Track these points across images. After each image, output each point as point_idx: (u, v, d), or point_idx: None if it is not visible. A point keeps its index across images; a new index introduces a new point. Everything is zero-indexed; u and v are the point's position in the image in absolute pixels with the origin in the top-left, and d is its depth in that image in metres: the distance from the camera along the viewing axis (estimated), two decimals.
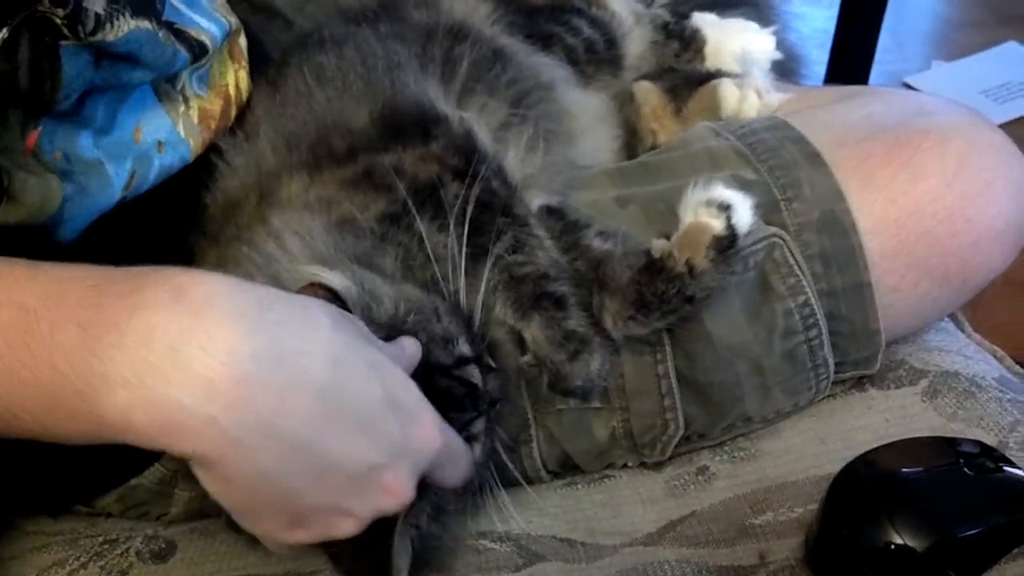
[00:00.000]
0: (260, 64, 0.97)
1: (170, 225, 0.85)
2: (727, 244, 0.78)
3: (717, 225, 0.78)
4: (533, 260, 0.79)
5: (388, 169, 0.79)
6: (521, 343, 0.79)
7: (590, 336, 0.78)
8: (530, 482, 0.85)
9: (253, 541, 0.75)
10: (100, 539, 0.83)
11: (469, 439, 0.72)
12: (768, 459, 0.85)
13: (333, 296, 0.68)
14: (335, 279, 0.69)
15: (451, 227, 0.75)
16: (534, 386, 0.82)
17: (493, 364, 0.76)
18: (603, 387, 0.81)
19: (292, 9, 1.21)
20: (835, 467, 0.77)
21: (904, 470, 0.73)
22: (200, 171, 0.86)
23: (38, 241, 0.76)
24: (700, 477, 0.85)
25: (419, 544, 0.71)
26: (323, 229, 0.75)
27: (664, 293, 0.77)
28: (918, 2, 2.52)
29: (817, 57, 2.05)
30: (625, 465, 0.87)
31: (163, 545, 0.82)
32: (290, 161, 0.83)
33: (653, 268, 0.78)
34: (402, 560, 0.68)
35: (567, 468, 0.87)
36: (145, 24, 0.75)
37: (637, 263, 0.79)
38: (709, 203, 0.79)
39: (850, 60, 1.92)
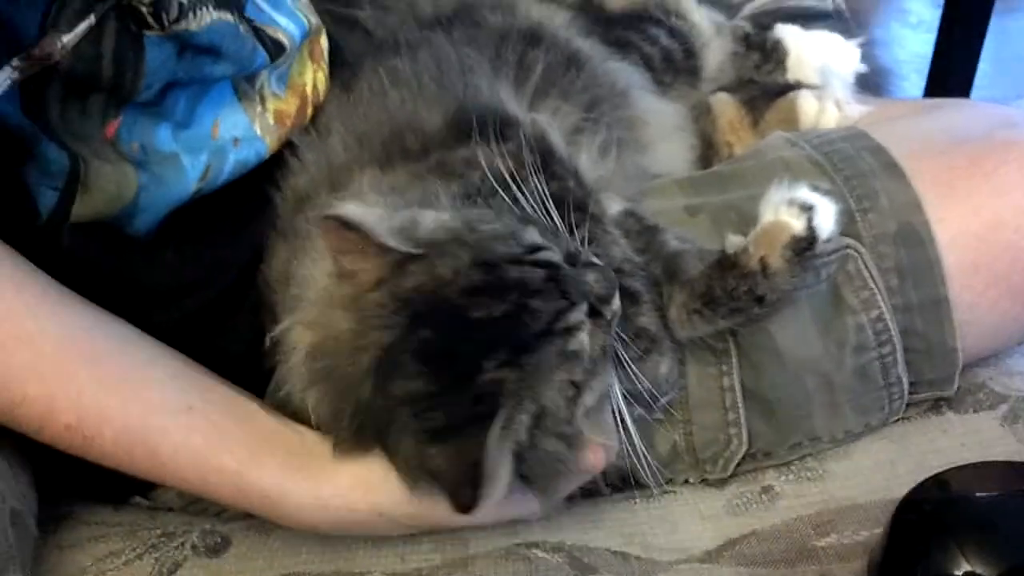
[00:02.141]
0: (337, 70, 0.98)
1: (242, 220, 0.86)
2: (805, 246, 0.76)
3: (797, 225, 0.76)
4: (607, 253, 0.77)
5: (461, 160, 0.78)
6: None
7: (661, 336, 0.77)
8: (589, 495, 0.82)
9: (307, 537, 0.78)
10: (158, 532, 0.83)
11: (568, 331, 0.68)
12: (836, 480, 0.82)
13: (343, 224, 0.66)
14: (347, 208, 0.67)
15: (528, 208, 0.73)
16: None
17: (595, 260, 0.72)
18: (670, 397, 0.79)
19: (373, 21, 1.22)
20: (906, 491, 0.74)
21: (977, 494, 0.70)
22: (273, 167, 0.86)
23: (115, 240, 0.78)
24: (764, 496, 0.82)
25: (524, 459, 0.69)
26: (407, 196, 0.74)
27: (734, 290, 0.75)
28: (1020, 27, 2.44)
29: (915, 81, 2.00)
30: (686, 481, 0.85)
31: (219, 540, 0.82)
32: (362, 157, 0.83)
33: (726, 263, 0.76)
34: (501, 468, 0.66)
35: (628, 483, 0.84)
36: (227, 16, 0.76)
37: (710, 258, 0.77)
38: (791, 203, 0.77)
39: (948, 85, 1.86)
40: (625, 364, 0.73)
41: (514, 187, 0.74)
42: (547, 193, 0.74)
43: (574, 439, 0.70)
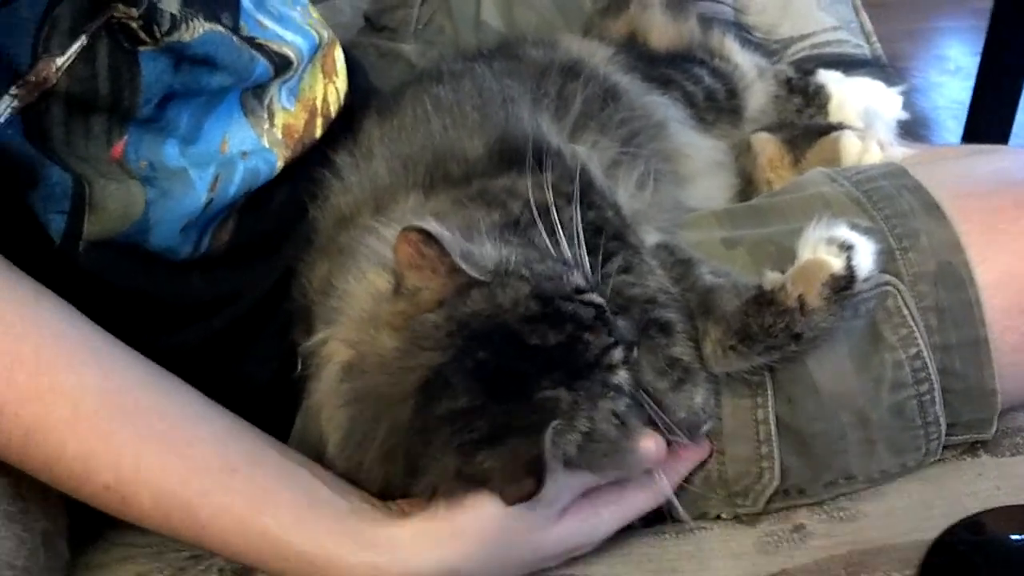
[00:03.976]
0: (377, 97, 1.00)
1: (272, 243, 0.87)
2: (844, 285, 0.75)
3: (836, 264, 0.75)
4: (642, 283, 0.77)
5: (503, 189, 0.79)
6: None
7: (695, 367, 0.76)
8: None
9: None
10: (185, 554, 0.83)
11: (611, 367, 0.70)
12: (869, 520, 0.81)
13: (427, 237, 0.68)
14: (427, 224, 0.68)
15: (563, 243, 0.74)
16: None
17: (616, 310, 0.73)
18: (709, 427, 0.78)
19: (416, 54, 1.25)
20: (938, 533, 0.73)
21: (1012, 537, 0.69)
22: (308, 190, 0.87)
23: (137, 259, 0.78)
24: (795, 535, 0.81)
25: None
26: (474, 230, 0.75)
27: (771, 327, 0.74)
28: None
29: (952, 128, 2.00)
30: (719, 517, 0.84)
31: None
32: (406, 181, 0.84)
33: (763, 299, 0.75)
34: (553, 470, 0.66)
35: (659, 516, 0.84)
36: (218, 28, 0.77)
37: (747, 295, 0.77)
38: (831, 241, 0.76)
39: (986, 132, 1.86)
40: (652, 394, 0.73)
41: (553, 217, 0.75)
42: (582, 224, 0.75)
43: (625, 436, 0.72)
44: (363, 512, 0.71)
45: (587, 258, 0.74)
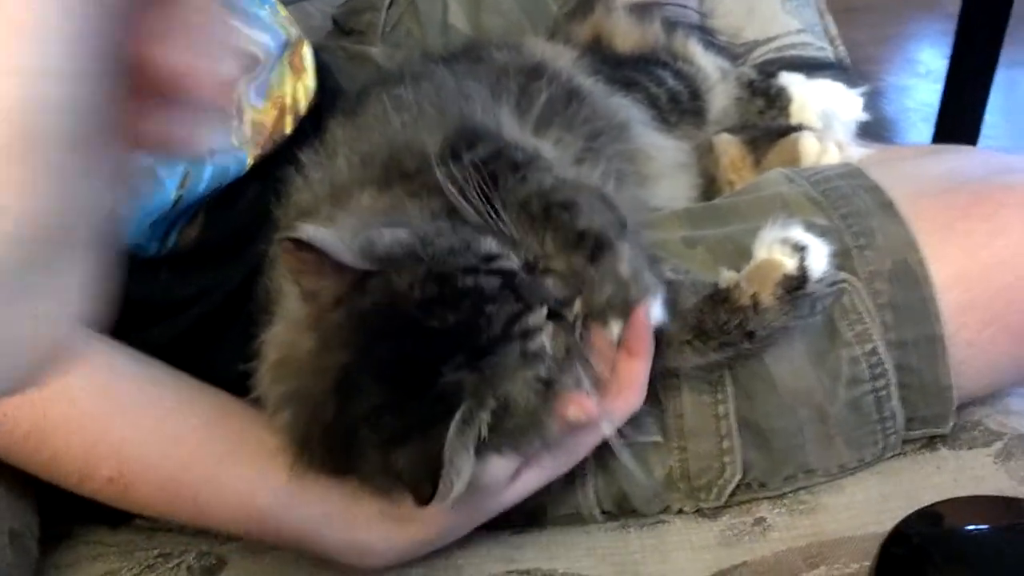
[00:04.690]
0: (344, 99, 1.01)
1: (240, 243, 0.87)
2: (796, 285, 0.76)
3: (789, 264, 0.77)
4: (536, 179, 0.75)
5: (443, 178, 0.77)
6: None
7: (608, 236, 0.72)
8: (583, 521, 0.84)
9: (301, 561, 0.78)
10: (155, 552, 0.84)
11: (526, 334, 0.67)
12: (828, 513, 0.82)
13: (299, 244, 0.66)
14: (304, 229, 0.67)
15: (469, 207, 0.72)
16: None
17: (552, 267, 0.71)
18: (651, 299, 0.73)
19: (384, 56, 1.25)
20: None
21: (967, 528, 0.70)
22: (276, 188, 0.88)
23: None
24: (756, 528, 0.82)
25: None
26: (365, 216, 0.74)
27: (725, 324, 0.76)
28: None
29: (923, 130, 2.02)
30: (681, 511, 0.85)
31: (214, 561, 0.82)
32: (364, 176, 0.83)
33: (718, 297, 0.77)
34: (461, 462, 0.65)
35: (623, 509, 0.85)
36: None
37: (703, 292, 0.78)
38: (785, 241, 0.78)
39: (955, 134, 1.88)
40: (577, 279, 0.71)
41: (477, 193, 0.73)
42: (480, 173, 0.73)
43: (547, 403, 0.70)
44: (344, 488, 0.73)
45: (489, 208, 0.71)
